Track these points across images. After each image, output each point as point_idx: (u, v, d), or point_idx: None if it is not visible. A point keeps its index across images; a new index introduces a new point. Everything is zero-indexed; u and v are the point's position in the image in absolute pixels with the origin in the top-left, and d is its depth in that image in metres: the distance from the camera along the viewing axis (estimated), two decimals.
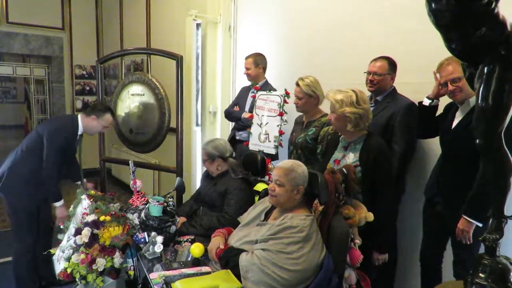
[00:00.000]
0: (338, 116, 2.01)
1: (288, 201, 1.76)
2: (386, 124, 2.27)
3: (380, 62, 2.33)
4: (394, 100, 2.32)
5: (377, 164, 1.94)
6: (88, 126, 2.70)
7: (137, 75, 3.49)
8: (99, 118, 2.71)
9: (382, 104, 2.35)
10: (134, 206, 2.20)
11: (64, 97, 6.19)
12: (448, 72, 1.93)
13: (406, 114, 2.24)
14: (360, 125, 1.99)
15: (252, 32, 3.71)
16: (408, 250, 2.47)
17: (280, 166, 1.82)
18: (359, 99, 1.98)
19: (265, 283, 1.55)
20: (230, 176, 2.43)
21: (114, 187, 5.75)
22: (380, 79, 2.32)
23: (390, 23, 2.52)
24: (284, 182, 1.75)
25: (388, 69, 2.31)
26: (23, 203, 2.57)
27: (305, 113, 2.59)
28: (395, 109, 2.27)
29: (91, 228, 1.82)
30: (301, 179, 1.76)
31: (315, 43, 3.07)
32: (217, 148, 2.47)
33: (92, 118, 2.69)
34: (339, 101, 1.99)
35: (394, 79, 2.36)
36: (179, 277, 1.64)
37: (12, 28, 5.51)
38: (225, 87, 3.98)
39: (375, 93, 2.39)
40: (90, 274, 1.76)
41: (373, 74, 2.34)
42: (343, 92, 2.01)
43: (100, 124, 2.73)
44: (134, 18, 5.30)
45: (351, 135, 2.06)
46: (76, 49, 6.12)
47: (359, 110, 1.96)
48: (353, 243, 1.79)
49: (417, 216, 2.31)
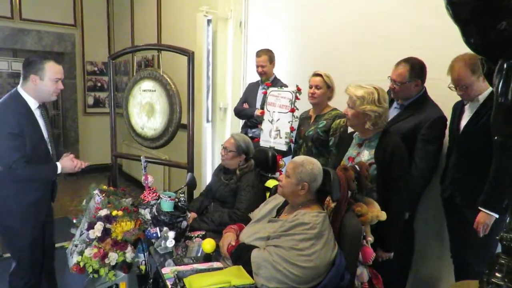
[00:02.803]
0: (357, 113, 1.95)
1: (291, 194, 1.77)
2: (410, 134, 2.10)
3: (402, 69, 2.14)
4: (421, 108, 2.14)
5: (393, 162, 1.91)
6: (36, 91, 2.10)
7: (148, 70, 3.50)
8: (41, 73, 2.08)
9: (409, 110, 2.19)
10: (145, 201, 2.21)
11: (76, 93, 6.25)
12: (454, 77, 1.95)
13: (432, 128, 2.08)
14: (378, 124, 1.95)
15: (263, 28, 3.69)
16: (423, 249, 2.45)
17: (293, 160, 1.85)
18: (380, 97, 1.92)
19: (277, 279, 1.55)
20: (243, 173, 2.42)
21: (124, 182, 5.80)
22: (399, 89, 2.16)
23: (405, 18, 2.48)
24: (291, 175, 1.77)
25: (408, 77, 2.12)
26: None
27: (317, 106, 2.59)
28: (422, 119, 2.10)
29: (103, 223, 1.84)
30: (306, 175, 1.75)
31: (327, 39, 3.04)
32: (247, 145, 2.47)
33: (33, 79, 2.07)
34: (360, 98, 1.92)
35: (420, 84, 2.16)
36: (191, 272, 1.65)
37: (25, 25, 5.57)
38: (236, 83, 3.97)
39: (400, 98, 2.25)
40: (102, 268, 1.78)
41: (393, 82, 2.18)
42: (364, 88, 1.94)
43: (48, 80, 2.10)
44: (145, 14, 5.32)
45: (366, 132, 2.02)
46: (87, 46, 6.17)
47: (379, 109, 1.91)
48: (366, 240, 1.78)
49: (432, 213, 2.29)
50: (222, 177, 2.50)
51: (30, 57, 2.14)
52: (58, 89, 2.16)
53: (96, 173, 6.32)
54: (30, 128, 2.06)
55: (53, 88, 2.13)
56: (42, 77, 2.08)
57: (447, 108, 2.18)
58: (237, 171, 2.42)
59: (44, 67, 2.08)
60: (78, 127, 6.36)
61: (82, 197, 2.28)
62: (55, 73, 2.12)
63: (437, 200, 2.25)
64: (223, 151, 2.46)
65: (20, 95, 2.09)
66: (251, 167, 2.45)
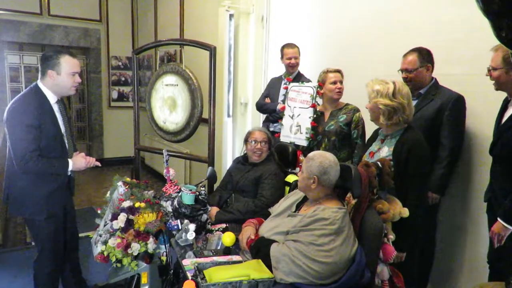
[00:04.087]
0: (372, 106, 1.98)
1: (306, 188, 1.80)
2: (434, 117, 2.17)
3: (411, 57, 2.24)
4: (439, 93, 2.21)
5: (409, 158, 1.87)
6: (55, 85, 2.11)
7: (171, 65, 3.55)
8: (58, 68, 2.09)
9: (427, 97, 2.24)
10: (167, 194, 2.25)
11: (101, 87, 6.40)
12: (492, 59, 1.84)
13: (456, 107, 2.15)
14: (393, 118, 1.92)
15: (285, 23, 3.67)
16: (447, 251, 2.40)
17: (308, 155, 1.87)
18: (396, 91, 1.90)
19: (296, 274, 1.55)
20: (265, 162, 2.49)
21: (146, 175, 5.92)
22: (414, 76, 2.23)
23: (429, 11, 2.42)
24: (303, 169, 1.81)
25: (419, 62, 2.20)
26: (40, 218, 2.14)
27: (333, 101, 2.62)
28: (443, 101, 2.16)
29: (126, 214, 1.88)
30: (315, 168, 1.75)
31: (349, 33, 3.00)
32: (272, 136, 2.58)
33: (50, 75, 2.09)
34: (375, 91, 1.95)
35: (431, 69, 2.25)
36: (211, 265, 1.68)
37: (53, 21, 5.74)
38: (257, 78, 3.97)
39: (415, 88, 2.27)
40: (125, 257, 1.83)
41: (404, 71, 2.25)
42: (382, 83, 1.95)
43: (65, 74, 2.10)
44: (168, 9, 5.37)
45: (387, 127, 2.01)
46: (112, 41, 6.31)
47: (393, 103, 1.89)
48: (387, 238, 1.76)
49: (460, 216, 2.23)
50: (242, 168, 2.54)
51: (46, 52, 2.16)
52: (76, 82, 2.16)
53: (120, 165, 6.49)
54: (48, 121, 2.08)
55: (70, 82, 2.13)
56: (59, 72, 2.09)
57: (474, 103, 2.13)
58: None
59: (60, 62, 2.09)
60: (102, 121, 6.53)
61: (107, 188, 2.35)
62: (71, 66, 2.12)
63: (463, 187, 2.23)
64: (258, 145, 2.49)
65: (40, 89, 2.11)
66: (272, 156, 2.55)
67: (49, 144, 2.08)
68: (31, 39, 5.59)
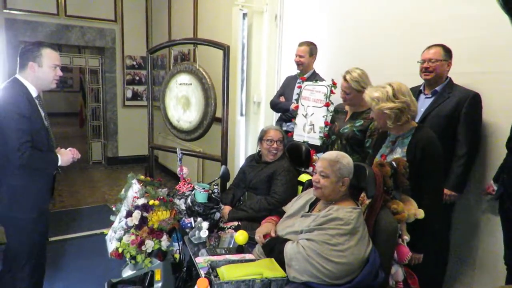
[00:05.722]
0: (377, 114, 1.94)
1: (332, 192, 1.73)
2: (451, 115, 2.18)
3: (435, 49, 2.25)
4: (455, 90, 2.23)
5: (424, 156, 1.84)
6: (36, 78, 2.05)
7: (185, 64, 3.57)
8: (39, 59, 2.03)
9: (443, 94, 2.25)
10: (180, 192, 2.27)
11: (116, 87, 6.49)
12: None
13: (473, 104, 2.16)
14: (401, 119, 1.88)
15: (299, 22, 3.65)
16: (460, 251, 2.36)
17: (325, 157, 1.79)
18: (396, 92, 1.87)
19: (309, 272, 1.54)
20: (278, 160, 2.48)
21: (160, 173, 5.98)
22: (436, 66, 2.23)
23: (444, 9, 2.39)
24: (329, 174, 1.72)
25: (444, 55, 2.22)
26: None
27: (353, 106, 2.51)
28: (460, 98, 2.18)
29: (141, 211, 1.90)
30: (346, 170, 1.72)
31: (364, 32, 2.97)
32: (285, 136, 2.58)
33: (31, 67, 2.03)
34: (375, 99, 1.91)
35: (450, 66, 2.25)
36: (224, 263, 1.68)
37: (69, 21, 5.84)
38: (270, 77, 3.96)
39: (432, 82, 2.27)
40: (139, 254, 1.85)
41: (427, 61, 2.25)
42: (379, 89, 1.91)
43: (47, 66, 2.05)
44: (182, 9, 5.41)
45: (397, 129, 1.96)
46: (127, 41, 6.39)
47: (397, 104, 1.86)
48: (401, 239, 1.73)
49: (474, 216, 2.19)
50: (255, 166, 2.55)
51: (25, 45, 2.09)
52: (57, 75, 2.11)
53: (134, 163, 6.57)
54: (35, 114, 2.02)
55: (52, 74, 2.08)
56: (40, 64, 2.04)
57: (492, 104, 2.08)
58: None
59: (41, 54, 2.03)
60: (117, 119, 6.62)
61: (121, 186, 2.37)
62: (53, 59, 2.07)
63: (477, 185, 2.19)
64: (274, 144, 2.46)
65: (21, 82, 2.04)
66: (284, 154, 2.53)
67: (37, 137, 2.02)
68: (48, 39, 5.69)
